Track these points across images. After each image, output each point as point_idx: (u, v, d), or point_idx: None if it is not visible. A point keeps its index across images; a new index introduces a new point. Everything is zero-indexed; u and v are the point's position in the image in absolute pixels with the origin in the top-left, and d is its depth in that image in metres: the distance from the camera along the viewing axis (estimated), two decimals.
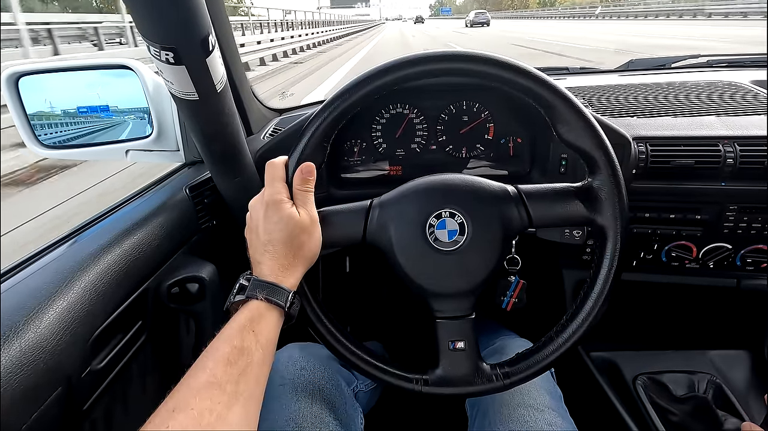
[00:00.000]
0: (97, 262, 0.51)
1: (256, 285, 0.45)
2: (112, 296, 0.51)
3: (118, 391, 0.55)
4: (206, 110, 0.53)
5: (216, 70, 0.49)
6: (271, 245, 0.47)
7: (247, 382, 0.39)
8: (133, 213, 0.62)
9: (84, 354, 0.47)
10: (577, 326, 0.51)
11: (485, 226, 0.52)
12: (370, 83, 0.51)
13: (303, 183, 0.50)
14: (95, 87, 0.75)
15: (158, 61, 0.45)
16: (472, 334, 0.53)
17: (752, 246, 0.81)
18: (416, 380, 0.53)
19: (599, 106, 0.88)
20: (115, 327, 0.53)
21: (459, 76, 0.50)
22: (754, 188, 0.74)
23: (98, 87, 0.74)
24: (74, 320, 0.45)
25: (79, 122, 0.75)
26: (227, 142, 0.62)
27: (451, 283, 0.53)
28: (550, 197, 0.52)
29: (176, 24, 0.42)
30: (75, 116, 0.75)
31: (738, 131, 0.75)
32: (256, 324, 0.42)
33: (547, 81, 0.50)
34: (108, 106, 0.74)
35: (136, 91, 0.72)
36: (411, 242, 0.52)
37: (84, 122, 0.75)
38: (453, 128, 0.89)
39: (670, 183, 0.76)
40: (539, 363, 0.52)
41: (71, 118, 0.75)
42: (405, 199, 0.54)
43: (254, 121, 0.89)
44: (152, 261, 0.59)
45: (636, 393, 0.80)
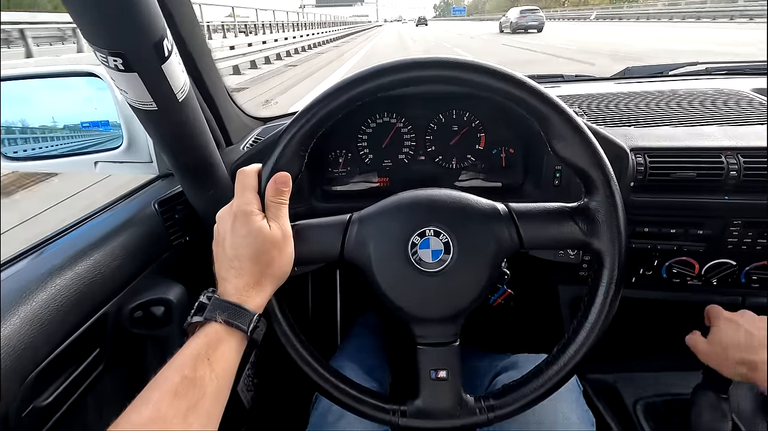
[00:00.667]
0: (42, 289, 0.46)
1: (216, 305, 0.41)
2: (61, 326, 0.47)
3: (72, 427, 0.50)
4: (168, 120, 0.49)
5: (175, 78, 0.45)
6: (237, 261, 0.43)
7: (197, 417, 0.35)
8: (93, 231, 0.57)
9: (25, 390, 0.43)
10: (569, 358, 0.48)
11: (472, 246, 0.48)
12: (351, 89, 0.47)
13: (276, 194, 0.46)
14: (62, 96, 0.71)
15: (107, 68, 0.41)
16: (455, 362, 0.50)
17: (758, 263, 0.77)
18: (393, 411, 0.49)
19: (595, 114, 0.85)
20: (65, 357, 0.48)
21: (448, 85, 0.47)
22: (759, 202, 0.70)
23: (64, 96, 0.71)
24: (9, 357, 0.40)
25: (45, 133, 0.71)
26: (196, 154, 0.58)
27: (434, 307, 0.49)
28: (543, 218, 0.49)
29: (122, 27, 0.38)
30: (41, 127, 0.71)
31: (741, 142, 0.71)
32: (213, 351, 0.38)
33: (541, 92, 0.46)
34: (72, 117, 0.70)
35: (104, 100, 0.68)
36: (391, 262, 0.48)
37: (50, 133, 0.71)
38: (443, 138, 0.86)
39: (670, 197, 0.72)
40: (527, 396, 0.49)
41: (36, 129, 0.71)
42: (387, 214, 0.50)
43: (234, 130, 0.84)
44: (112, 283, 0.55)
45: (637, 418, 0.75)
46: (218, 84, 0.77)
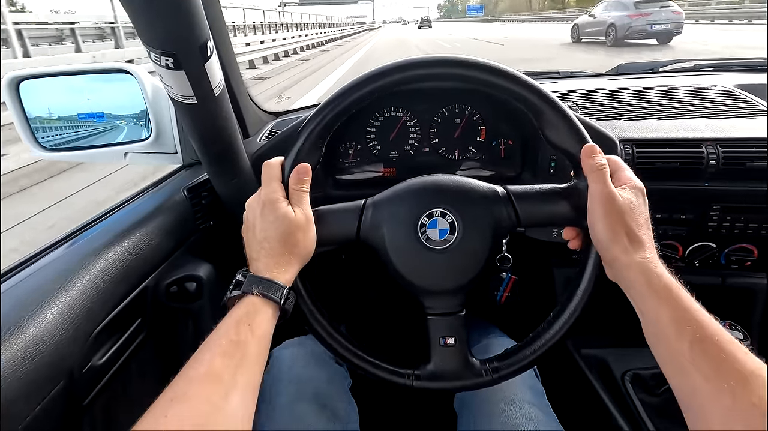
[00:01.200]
0: (97, 261, 0.52)
1: (252, 281, 0.46)
2: (112, 294, 0.53)
3: (118, 387, 0.56)
4: (204, 113, 0.55)
5: (214, 75, 0.51)
6: (267, 243, 0.49)
7: (243, 373, 0.40)
8: (131, 214, 0.63)
9: (85, 349, 0.49)
10: (564, 322, 0.53)
11: (475, 225, 0.53)
12: (363, 87, 0.53)
13: (298, 183, 0.52)
14: (94, 91, 0.76)
15: (158, 66, 0.47)
16: (462, 330, 0.55)
17: (736, 245, 0.83)
18: (408, 375, 0.55)
19: (589, 110, 0.91)
20: (115, 324, 0.54)
21: (450, 81, 0.52)
22: (736, 189, 0.77)
23: (97, 91, 0.76)
24: (76, 317, 0.46)
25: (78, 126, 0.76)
26: (224, 144, 0.64)
27: (441, 280, 0.54)
28: (537, 198, 0.54)
29: (176, 31, 0.44)
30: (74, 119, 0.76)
31: (720, 134, 0.77)
32: (252, 318, 0.43)
33: (534, 86, 0.52)
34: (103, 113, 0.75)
35: (134, 95, 0.74)
36: (403, 241, 0.54)
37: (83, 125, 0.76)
38: (446, 130, 0.91)
39: (655, 184, 0.78)
40: (528, 357, 0.54)
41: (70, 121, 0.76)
42: (397, 199, 0.56)
43: (251, 124, 0.90)
44: (151, 260, 0.61)
45: (625, 389, 0.82)
46: (239, 81, 0.83)
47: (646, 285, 0.43)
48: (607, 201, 0.47)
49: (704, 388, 0.36)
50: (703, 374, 0.36)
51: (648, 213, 0.49)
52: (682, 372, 0.38)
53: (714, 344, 0.37)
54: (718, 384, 0.35)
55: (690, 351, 0.38)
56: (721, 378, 0.35)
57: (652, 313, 0.42)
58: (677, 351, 0.39)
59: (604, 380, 0.86)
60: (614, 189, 0.48)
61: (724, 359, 0.36)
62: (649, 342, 0.43)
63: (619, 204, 0.47)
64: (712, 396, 0.35)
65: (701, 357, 0.37)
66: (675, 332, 0.39)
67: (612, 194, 0.48)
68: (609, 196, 0.47)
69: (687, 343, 0.38)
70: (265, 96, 6.82)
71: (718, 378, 0.35)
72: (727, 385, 0.34)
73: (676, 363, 0.39)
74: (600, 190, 0.48)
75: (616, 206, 0.47)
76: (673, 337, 0.39)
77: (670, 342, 0.40)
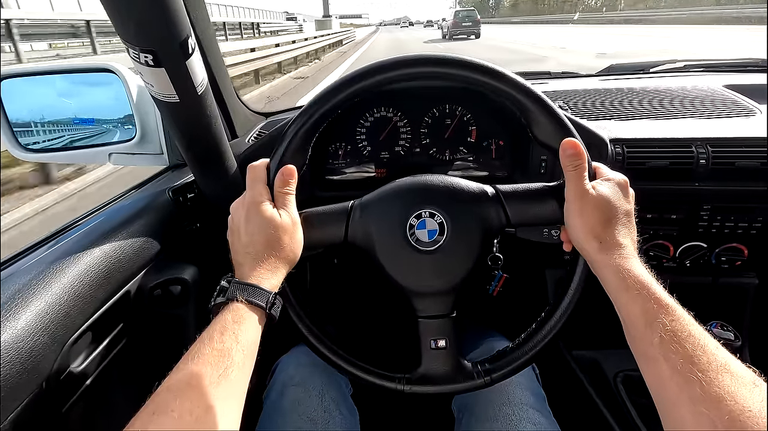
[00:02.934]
0: (76, 264, 0.50)
1: (236, 287, 0.45)
2: (93, 299, 0.51)
3: (98, 394, 0.55)
4: (187, 112, 0.54)
5: (196, 73, 0.50)
6: (252, 247, 0.47)
7: (228, 384, 0.39)
8: (115, 215, 0.62)
9: (63, 356, 0.47)
10: (555, 322, 0.53)
11: (464, 226, 0.53)
12: (348, 87, 0.52)
13: (284, 186, 0.51)
14: (78, 90, 0.75)
15: (137, 64, 0.45)
16: (453, 332, 0.54)
17: (726, 245, 0.83)
18: (399, 379, 0.54)
19: (580, 110, 0.90)
20: (95, 329, 0.53)
21: (436, 80, 0.52)
22: (726, 188, 0.77)
23: (81, 90, 0.75)
24: (52, 322, 0.45)
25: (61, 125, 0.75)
26: (209, 144, 0.62)
27: (431, 282, 0.54)
28: (526, 197, 0.54)
29: (155, 26, 0.42)
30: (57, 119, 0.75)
31: (710, 134, 0.77)
32: (237, 326, 0.42)
33: (521, 84, 0.51)
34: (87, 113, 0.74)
35: (119, 94, 0.72)
36: (392, 242, 0.53)
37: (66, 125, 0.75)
38: (436, 131, 0.91)
39: (645, 184, 0.78)
40: (519, 359, 0.53)
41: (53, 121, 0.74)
42: (386, 200, 0.55)
43: (239, 124, 0.89)
44: (134, 263, 0.59)
45: (616, 390, 0.81)
46: (226, 81, 0.81)
47: (618, 282, 0.43)
48: (580, 198, 0.47)
49: (674, 378, 0.36)
50: (671, 365, 0.37)
51: (630, 206, 0.48)
52: (652, 362, 0.39)
53: (683, 336, 0.37)
54: (686, 375, 0.35)
55: (660, 343, 0.38)
56: (690, 369, 0.35)
57: (624, 307, 0.43)
58: (647, 343, 0.39)
59: (596, 381, 0.86)
60: (588, 185, 0.48)
61: (693, 351, 0.36)
62: (626, 337, 0.43)
63: (591, 200, 0.47)
64: (680, 386, 0.35)
65: (670, 348, 0.37)
66: (645, 325, 0.40)
67: (585, 190, 0.47)
68: (582, 192, 0.47)
69: (657, 335, 0.38)
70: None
71: (687, 370, 0.35)
72: (696, 377, 0.35)
73: (648, 354, 0.39)
74: (573, 187, 0.48)
75: (588, 202, 0.47)
76: (644, 330, 0.40)
77: (641, 334, 0.40)
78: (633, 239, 0.47)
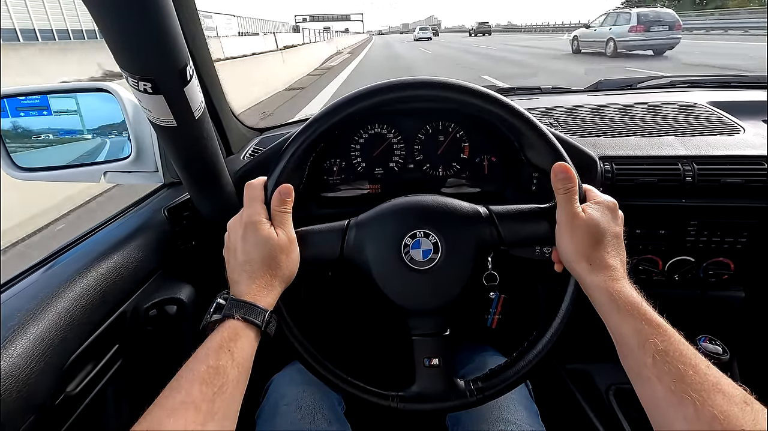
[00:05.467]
0: (72, 287, 0.51)
1: (233, 304, 0.45)
2: (88, 321, 0.51)
3: (94, 416, 0.55)
4: (184, 135, 0.55)
5: (194, 99, 0.51)
6: (248, 265, 0.48)
7: (222, 401, 0.39)
8: (110, 235, 0.62)
9: (58, 380, 0.47)
10: (547, 341, 0.53)
11: (458, 246, 0.54)
12: (347, 108, 0.53)
13: (281, 204, 0.51)
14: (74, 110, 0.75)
15: (136, 91, 0.46)
16: (446, 351, 0.55)
17: (713, 259, 0.85)
18: (392, 397, 0.54)
19: (570, 125, 0.92)
20: (90, 351, 0.53)
21: (434, 103, 0.53)
22: (712, 205, 0.79)
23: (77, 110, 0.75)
24: (48, 348, 0.45)
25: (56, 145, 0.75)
26: (206, 164, 0.63)
27: (425, 301, 0.54)
28: (519, 218, 0.55)
29: (154, 56, 0.43)
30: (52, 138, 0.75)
31: (695, 151, 0.79)
32: (233, 343, 0.43)
33: (515, 109, 0.53)
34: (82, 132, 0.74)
35: (114, 113, 0.73)
36: (387, 261, 0.54)
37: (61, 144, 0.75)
38: (430, 147, 0.92)
39: (634, 200, 0.80)
40: (512, 377, 0.54)
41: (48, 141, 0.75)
42: (381, 219, 0.56)
43: (234, 141, 0.90)
44: (129, 284, 0.60)
45: (609, 402, 0.82)
46: (221, 98, 0.82)
47: (609, 303, 0.44)
48: (570, 221, 0.48)
49: (667, 398, 0.37)
50: (665, 385, 0.37)
51: (619, 229, 0.50)
52: (646, 383, 0.39)
53: (675, 356, 0.38)
54: (680, 395, 0.36)
55: (653, 363, 0.39)
56: (683, 389, 0.36)
57: (616, 328, 0.44)
58: (641, 363, 0.40)
59: (589, 394, 0.86)
60: (578, 208, 0.49)
61: (685, 371, 0.37)
62: (620, 356, 0.44)
63: (581, 223, 0.48)
64: (674, 405, 0.36)
65: (663, 368, 0.38)
66: (638, 345, 0.41)
67: (575, 213, 0.48)
68: (572, 215, 0.48)
69: (650, 356, 0.39)
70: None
71: (680, 390, 0.36)
72: (689, 397, 0.35)
73: (642, 374, 0.40)
74: (564, 209, 0.49)
75: (578, 225, 0.48)
76: (637, 350, 0.40)
77: (633, 354, 0.41)
78: (622, 260, 0.48)
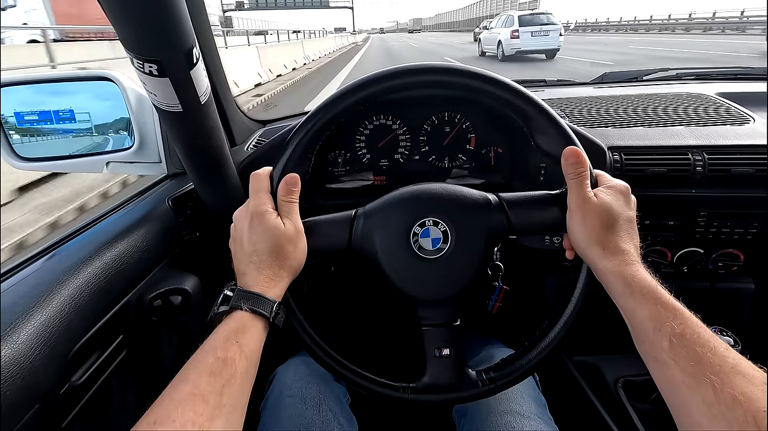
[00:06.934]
0: (76, 275, 0.50)
1: (240, 296, 0.45)
2: (93, 311, 0.51)
3: (99, 407, 0.54)
4: (190, 121, 0.54)
5: (200, 83, 0.50)
6: (255, 256, 0.47)
7: (230, 393, 0.38)
8: (114, 225, 0.61)
9: (63, 369, 0.46)
10: (559, 330, 0.53)
11: (468, 233, 0.53)
12: (353, 95, 0.52)
13: (287, 194, 0.50)
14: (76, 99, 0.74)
15: (141, 73, 0.45)
16: (457, 341, 0.54)
17: (722, 251, 0.84)
18: (403, 388, 0.54)
19: (577, 117, 0.91)
20: (95, 341, 0.52)
21: (443, 89, 0.52)
22: (722, 195, 0.78)
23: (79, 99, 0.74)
24: (52, 336, 0.44)
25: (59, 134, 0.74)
26: (211, 153, 0.62)
27: (435, 290, 0.54)
28: (529, 205, 0.54)
29: (160, 37, 0.42)
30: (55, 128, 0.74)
31: (705, 141, 0.78)
32: (241, 335, 0.42)
33: (525, 94, 0.52)
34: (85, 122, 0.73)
35: (117, 103, 0.72)
36: (396, 250, 0.53)
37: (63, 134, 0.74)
38: (435, 138, 0.91)
39: (643, 190, 0.79)
40: (523, 367, 0.53)
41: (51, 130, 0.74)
42: (389, 208, 0.55)
43: (238, 132, 0.89)
44: (134, 274, 0.59)
45: (617, 395, 0.82)
46: (226, 89, 0.81)
47: (623, 287, 0.44)
48: (582, 205, 0.48)
49: (685, 381, 0.36)
50: (682, 367, 0.37)
51: (632, 213, 0.49)
52: (663, 366, 0.39)
53: (693, 339, 0.37)
54: (698, 377, 0.35)
55: (669, 346, 0.38)
56: (701, 371, 0.35)
57: (631, 313, 0.43)
58: (657, 347, 0.39)
59: (597, 387, 0.86)
60: (590, 193, 0.48)
61: (703, 353, 0.36)
62: (635, 341, 0.43)
63: (593, 208, 0.47)
64: (693, 389, 0.36)
65: (681, 351, 0.37)
66: (654, 329, 0.40)
67: (587, 197, 0.48)
68: (584, 200, 0.48)
69: (666, 339, 0.38)
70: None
71: (698, 372, 0.35)
72: (708, 379, 0.35)
73: (658, 358, 0.39)
74: (575, 194, 0.48)
75: (590, 209, 0.47)
76: (653, 334, 0.40)
77: (650, 338, 0.40)
78: (636, 245, 0.47)
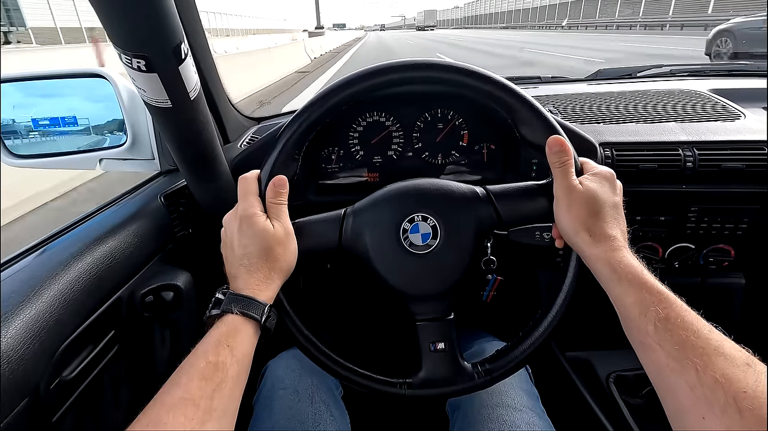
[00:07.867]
0: (67, 271, 0.50)
1: (231, 299, 0.45)
2: (84, 306, 0.51)
3: (90, 403, 0.54)
4: (179, 117, 0.54)
5: (189, 78, 0.50)
6: (246, 259, 0.47)
7: (221, 398, 0.39)
8: (106, 221, 0.61)
9: (53, 364, 0.47)
10: (551, 320, 0.53)
11: (457, 228, 0.53)
12: (338, 94, 0.52)
13: (276, 196, 0.51)
14: (69, 96, 0.74)
15: (129, 69, 0.45)
16: (451, 335, 0.54)
17: (713, 246, 0.84)
18: (400, 384, 0.54)
19: (570, 114, 0.92)
20: (87, 336, 0.52)
21: (428, 85, 0.52)
22: (712, 190, 0.78)
23: (72, 96, 0.74)
24: (42, 330, 0.44)
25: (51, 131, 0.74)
26: (202, 148, 0.62)
27: (427, 285, 0.54)
28: (516, 196, 0.54)
29: (147, 32, 0.42)
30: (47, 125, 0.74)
31: (696, 137, 0.79)
32: (232, 339, 0.42)
33: (507, 85, 0.52)
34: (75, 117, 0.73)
35: (110, 100, 0.72)
36: (386, 247, 0.53)
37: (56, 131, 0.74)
38: (429, 135, 0.91)
39: (634, 186, 0.79)
40: (518, 358, 0.54)
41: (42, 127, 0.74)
42: (378, 205, 0.55)
43: (231, 129, 0.89)
44: (125, 269, 0.59)
45: (609, 390, 0.82)
46: (218, 86, 0.81)
47: (610, 273, 0.44)
48: (568, 194, 0.48)
49: (670, 365, 0.37)
50: (667, 351, 0.37)
51: (618, 199, 0.49)
52: (649, 351, 0.39)
53: (677, 323, 0.38)
54: (682, 360, 0.36)
55: (654, 331, 0.39)
56: (684, 355, 0.36)
57: (618, 298, 0.43)
58: (643, 332, 0.40)
59: (589, 382, 0.86)
60: (575, 181, 0.48)
61: (687, 336, 0.37)
62: (623, 327, 0.44)
63: (579, 195, 0.47)
64: (677, 372, 0.36)
65: (665, 335, 0.38)
66: (639, 314, 0.40)
67: (572, 185, 0.48)
68: (569, 188, 0.48)
69: (651, 324, 0.39)
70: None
71: (682, 356, 0.36)
72: (691, 362, 0.35)
73: (644, 343, 0.40)
74: (561, 183, 0.49)
75: (576, 197, 0.47)
76: (639, 319, 0.40)
77: (636, 323, 0.41)
78: (622, 230, 0.48)
